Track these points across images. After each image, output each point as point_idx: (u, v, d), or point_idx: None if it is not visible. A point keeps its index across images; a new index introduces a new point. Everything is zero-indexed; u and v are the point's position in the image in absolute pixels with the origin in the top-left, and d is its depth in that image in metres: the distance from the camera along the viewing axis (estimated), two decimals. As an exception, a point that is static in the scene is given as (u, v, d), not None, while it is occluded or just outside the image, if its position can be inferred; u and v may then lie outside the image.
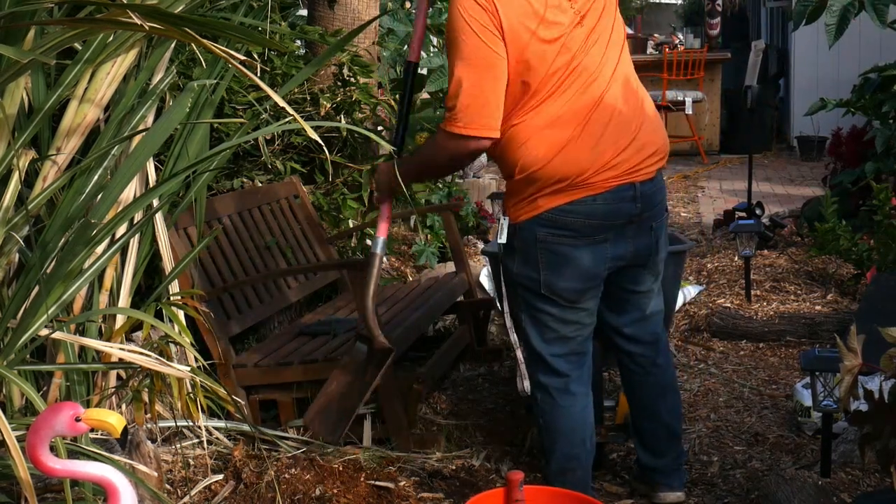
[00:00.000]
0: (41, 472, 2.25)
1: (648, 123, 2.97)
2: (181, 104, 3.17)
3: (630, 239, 3.00)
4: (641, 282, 3.12)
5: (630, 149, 2.92)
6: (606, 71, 2.92)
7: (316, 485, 3.28)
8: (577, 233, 2.92)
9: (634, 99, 2.96)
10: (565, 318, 3.03)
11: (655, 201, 3.01)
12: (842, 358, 2.30)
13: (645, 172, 2.95)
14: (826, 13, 5.45)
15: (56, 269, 2.85)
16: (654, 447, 3.28)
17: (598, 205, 2.90)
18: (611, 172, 2.90)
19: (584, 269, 2.96)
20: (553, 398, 3.09)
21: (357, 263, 3.98)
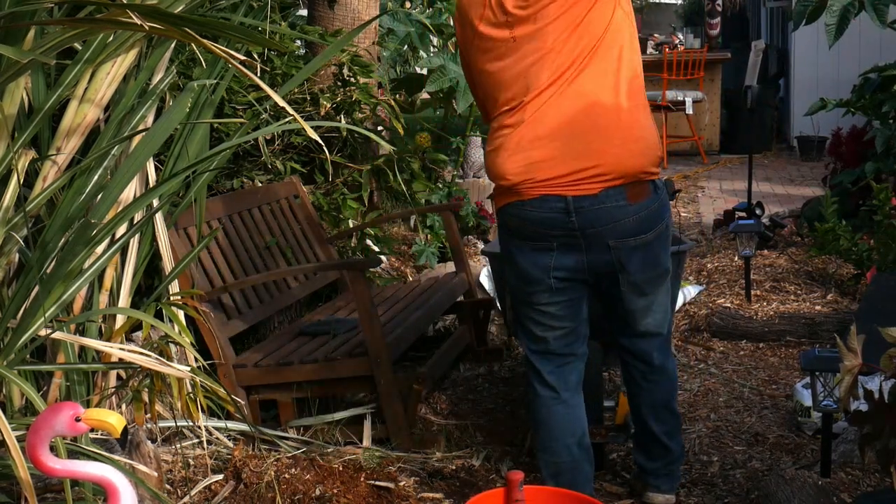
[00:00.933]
0: (41, 472, 2.25)
1: (602, 141, 2.88)
2: (181, 104, 3.17)
3: (581, 252, 2.96)
4: (625, 298, 3.07)
5: (564, 162, 2.88)
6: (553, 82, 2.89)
7: (316, 485, 3.28)
8: (516, 234, 3.02)
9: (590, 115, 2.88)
10: (531, 316, 3.10)
11: (605, 219, 2.91)
12: (842, 358, 2.30)
13: (582, 188, 2.89)
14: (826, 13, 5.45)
15: (56, 269, 2.85)
16: (646, 451, 3.30)
17: (528, 211, 2.95)
18: (538, 182, 2.91)
19: (526, 271, 3.02)
20: (533, 388, 3.15)
21: (357, 263, 3.98)
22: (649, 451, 3.28)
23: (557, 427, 3.13)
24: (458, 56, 6.51)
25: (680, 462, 3.33)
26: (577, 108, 2.89)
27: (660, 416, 3.23)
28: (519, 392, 4.34)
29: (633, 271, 3.00)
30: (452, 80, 6.37)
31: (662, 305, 3.14)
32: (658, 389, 3.22)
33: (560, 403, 3.13)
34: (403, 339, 4.01)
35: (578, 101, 2.89)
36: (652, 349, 3.18)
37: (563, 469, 3.13)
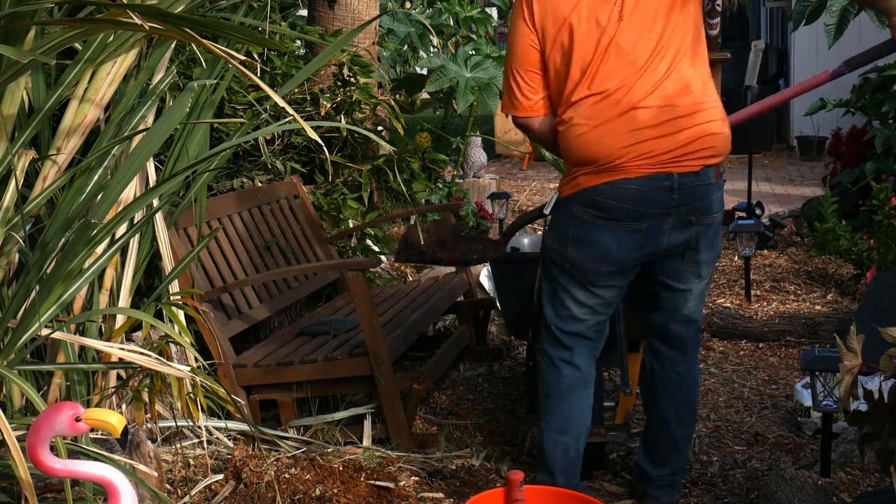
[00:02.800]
0: (41, 472, 2.26)
1: (701, 118, 2.94)
2: (181, 104, 3.17)
3: (666, 232, 2.99)
4: (680, 278, 3.10)
5: (671, 139, 2.92)
6: (660, 68, 2.94)
7: (316, 485, 3.29)
8: (610, 215, 2.96)
9: (689, 99, 2.94)
10: (581, 299, 3.08)
11: (699, 197, 2.97)
12: (842, 358, 2.30)
13: (687, 165, 2.94)
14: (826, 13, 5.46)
15: (56, 269, 2.85)
16: (655, 455, 3.27)
17: (632, 189, 2.93)
18: (646, 160, 2.92)
19: (609, 252, 2.99)
20: (556, 367, 3.13)
21: (357, 263, 3.98)
22: (657, 457, 3.26)
23: (578, 408, 3.14)
24: (458, 56, 6.54)
25: (683, 474, 3.33)
26: (678, 88, 2.93)
27: (681, 417, 3.23)
28: (519, 392, 4.34)
29: (702, 250, 3.05)
30: (452, 80, 6.37)
31: (703, 294, 3.21)
32: (685, 385, 3.23)
33: (583, 385, 3.14)
34: (403, 339, 4.01)
35: (679, 81, 2.94)
36: (689, 338, 3.21)
37: (575, 458, 3.14)
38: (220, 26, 2.55)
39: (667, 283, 3.12)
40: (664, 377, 3.23)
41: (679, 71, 2.95)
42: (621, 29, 2.93)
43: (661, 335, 3.22)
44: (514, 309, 3.87)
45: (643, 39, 2.93)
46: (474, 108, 6.66)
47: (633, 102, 2.92)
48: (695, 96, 2.95)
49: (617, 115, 2.92)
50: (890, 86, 6.42)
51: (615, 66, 2.93)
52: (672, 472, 3.25)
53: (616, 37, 2.93)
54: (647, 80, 2.92)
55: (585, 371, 3.14)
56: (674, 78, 2.94)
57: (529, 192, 9.85)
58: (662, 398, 3.23)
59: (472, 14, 7.33)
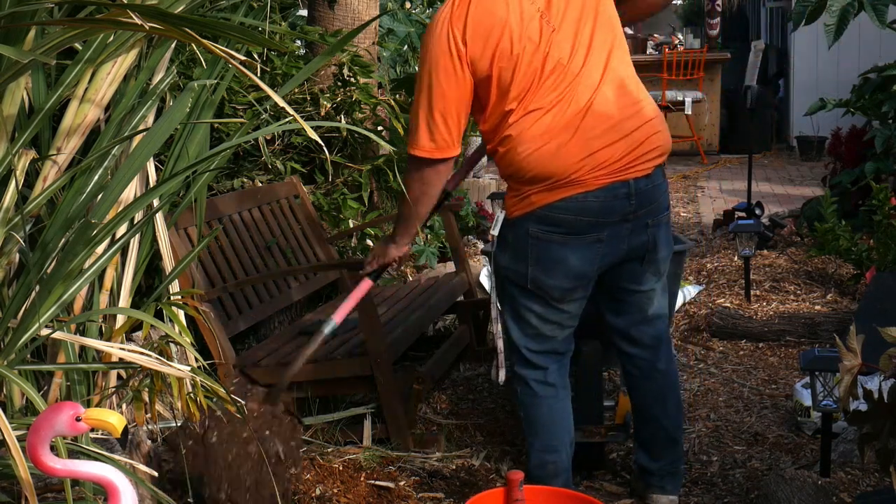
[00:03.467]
0: (42, 472, 2.25)
1: (645, 121, 2.95)
2: (181, 104, 3.17)
3: (625, 237, 2.98)
4: (641, 280, 3.10)
5: (622, 145, 2.91)
6: (595, 72, 2.92)
7: (316, 485, 3.29)
8: (568, 230, 2.94)
9: (628, 98, 2.94)
10: (547, 316, 3.06)
11: (653, 198, 2.99)
12: (841, 358, 2.30)
13: (640, 169, 2.94)
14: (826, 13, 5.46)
15: (56, 269, 2.85)
16: (651, 449, 3.27)
17: (590, 201, 2.92)
18: (603, 170, 2.91)
19: (573, 268, 2.98)
20: (532, 389, 3.13)
21: (357, 263, 3.98)
22: (654, 451, 3.26)
23: (560, 425, 3.14)
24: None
25: (682, 461, 3.33)
26: (616, 89, 2.93)
27: (668, 409, 3.23)
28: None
29: (660, 248, 3.06)
30: (452, 80, 6.36)
31: (667, 288, 3.21)
32: (666, 381, 3.23)
33: (560, 402, 3.14)
34: (403, 339, 4.01)
35: (618, 88, 2.94)
36: (660, 336, 3.20)
37: (562, 469, 3.14)
38: (220, 26, 2.55)
39: (629, 288, 3.11)
40: (644, 377, 3.22)
41: (614, 72, 2.93)
42: (554, 41, 2.89)
43: (630, 338, 3.20)
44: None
45: (575, 46, 2.91)
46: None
47: (577, 113, 2.89)
48: (632, 95, 2.95)
49: (564, 128, 2.89)
50: (890, 86, 6.42)
51: (555, 80, 2.90)
52: (672, 461, 3.25)
53: (551, 50, 2.89)
54: (587, 86, 2.90)
55: (560, 386, 3.14)
56: (609, 79, 2.92)
57: (529, 192, 9.85)
58: (648, 396, 3.23)
59: (472, 14, 7.31)
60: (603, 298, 3.16)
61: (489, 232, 3.15)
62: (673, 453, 3.26)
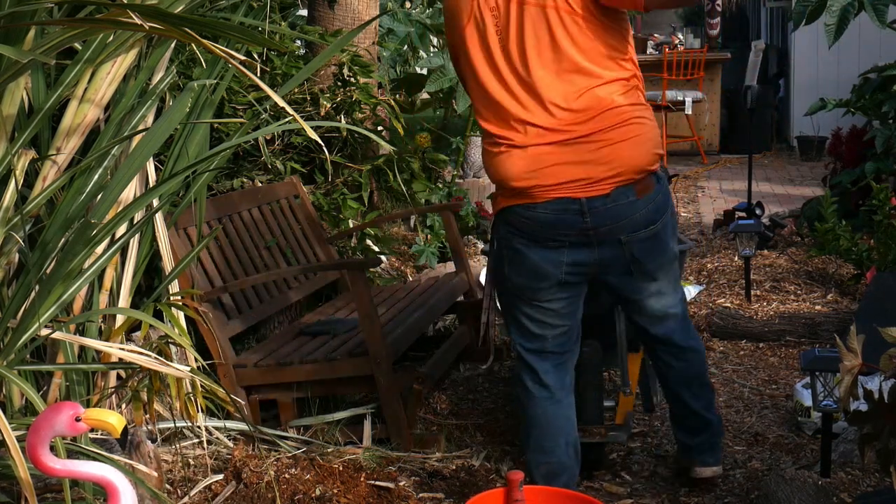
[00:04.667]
0: (41, 472, 2.26)
1: (607, 144, 2.92)
2: (181, 104, 3.17)
3: (593, 248, 3.00)
4: (636, 289, 3.13)
5: (573, 165, 2.91)
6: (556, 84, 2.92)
7: (316, 485, 3.29)
8: (528, 234, 3.00)
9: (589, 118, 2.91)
10: (532, 315, 3.11)
11: (615, 217, 2.95)
12: (842, 358, 2.30)
13: (595, 189, 2.93)
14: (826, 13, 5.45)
15: (56, 269, 2.85)
16: (689, 428, 3.37)
17: (539, 213, 2.96)
18: (550, 186, 2.93)
19: (536, 268, 3.02)
20: (528, 388, 3.17)
21: (357, 263, 3.98)
22: (690, 428, 3.36)
23: (553, 427, 3.16)
24: (458, 56, 6.54)
25: (721, 434, 3.44)
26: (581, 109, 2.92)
27: (695, 392, 3.32)
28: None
29: (645, 261, 3.05)
30: (452, 80, 6.37)
31: (672, 286, 3.20)
32: (689, 367, 3.29)
33: (555, 403, 3.15)
34: (403, 339, 4.01)
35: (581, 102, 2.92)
36: (672, 330, 3.24)
37: (557, 470, 3.15)
38: (220, 26, 2.55)
39: (626, 296, 3.18)
40: (667, 366, 3.31)
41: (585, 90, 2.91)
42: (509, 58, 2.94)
43: (648, 334, 3.27)
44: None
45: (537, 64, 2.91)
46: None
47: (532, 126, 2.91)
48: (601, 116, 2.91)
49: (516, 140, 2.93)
50: (890, 86, 6.42)
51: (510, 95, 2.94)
52: (710, 436, 3.36)
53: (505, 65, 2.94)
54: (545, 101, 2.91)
55: (556, 389, 3.16)
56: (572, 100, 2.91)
57: (529, 192, 9.85)
58: (672, 381, 3.33)
59: (472, 14, 7.31)
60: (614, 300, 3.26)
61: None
62: (709, 428, 3.36)
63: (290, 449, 3.58)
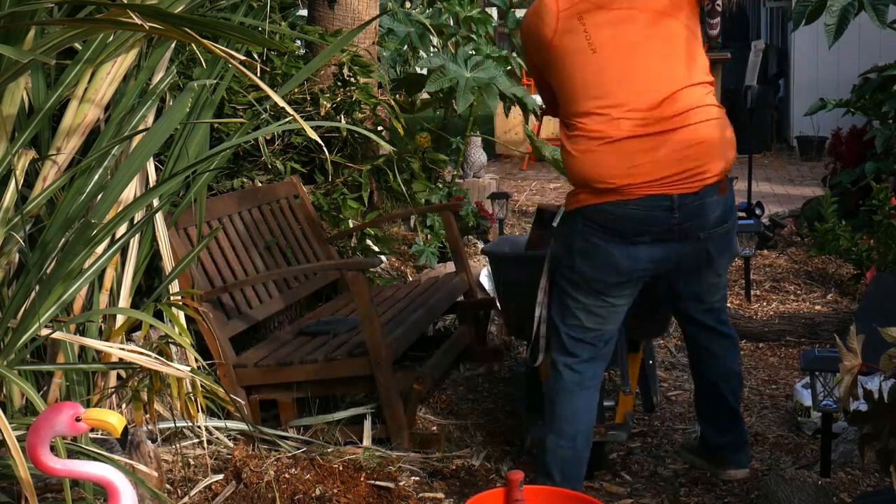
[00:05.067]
0: (41, 472, 2.26)
1: (697, 141, 3.00)
2: (181, 104, 3.17)
3: (673, 244, 3.06)
4: (698, 283, 3.25)
5: (666, 164, 2.97)
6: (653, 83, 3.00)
7: (316, 485, 3.29)
8: (612, 231, 3.04)
9: (682, 112, 3.00)
10: (591, 309, 3.14)
11: (702, 213, 3.04)
12: (841, 358, 2.30)
13: (686, 186, 3.00)
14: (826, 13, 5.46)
15: (56, 269, 2.85)
16: (718, 425, 3.40)
17: (631, 210, 3.00)
18: (644, 182, 2.98)
19: (616, 264, 3.06)
20: (559, 372, 3.19)
21: (357, 263, 3.98)
22: (721, 424, 3.39)
23: (578, 414, 3.19)
24: (458, 56, 6.54)
25: (746, 432, 3.45)
26: (674, 108, 2.99)
27: (732, 385, 3.39)
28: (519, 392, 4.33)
29: (718, 256, 3.17)
30: (452, 80, 6.37)
31: (726, 282, 3.37)
32: (729, 356, 3.39)
33: (584, 390, 3.19)
34: (403, 339, 4.01)
35: (674, 102, 3.00)
36: (719, 321, 3.36)
37: (572, 459, 3.18)
38: (220, 26, 2.55)
39: (685, 290, 3.28)
40: (712, 355, 3.38)
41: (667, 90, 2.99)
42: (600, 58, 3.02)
43: (696, 323, 3.36)
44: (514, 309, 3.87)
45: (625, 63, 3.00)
46: (474, 108, 6.66)
47: (626, 125, 2.97)
48: (689, 114, 2.99)
49: (610, 138, 2.98)
50: (890, 86, 6.42)
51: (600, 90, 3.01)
52: (739, 432, 3.40)
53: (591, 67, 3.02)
54: (636, 103, 2.98)
55: (587, 376, 3.19)
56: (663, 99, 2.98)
57: (529, 192, 9.85)
58: (713, 376, 3.38)
59: (472, 14, 7.33)
60: (669, 290, 3.32)
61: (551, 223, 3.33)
62: (738, 426, 3.40)
63: (290, 449, 3.58)
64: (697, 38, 3.09)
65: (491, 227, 6.73)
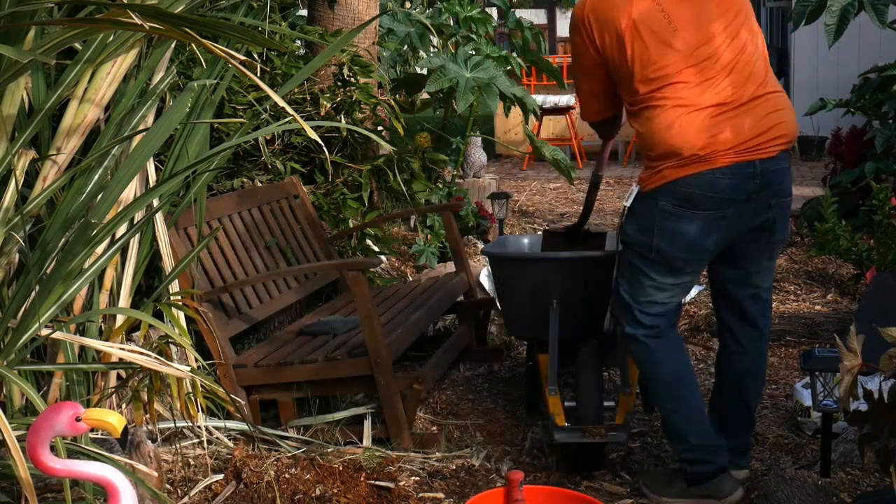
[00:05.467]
0: (41, 472, 2.26)
1: (774, 108, 3.16)
2: (181, 104, 3.17)
3: (749, 215, 3.17)
4: (757, 259, 3.31)
5: (749, 128, 3.10)
6: (726, 55, 3.13)
7: (316, 485, 3.29)
8: (696, 204, 3.12)
9: (758, 84, 3.15)
10: (664, 285, 3.24)
11: (777, 180, 3.16)
12: (841, 358, 2.30)
13: (766, 151, 3.12)
14: (826, 13, 5.46)
15: (56, 269, 2.85)
16: (730, 427, 3.44)
17: (718, 178, 3.09)
18: (728, 149, 3.08)
19: (695, 241, 3.16)
20: (645, 344, 3.29)
21: (357, 263, 3.98)
22: (734, 428, 3.44)
23: (682, 370, 3.32)
24: (458, 56, 6.54)
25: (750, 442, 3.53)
26: (745, 77, 3.14)
27: (756, 388, 3.47)
28: (519, 392, 4.34)
29: (777, 230, 3.26)
30: (452, 80, 6.37)
31: (772, 274, 3.45)
32: (760, 358, 3.46)
33: (677, 347, 3.34)
34: (403, 339, 4.01)
35: (747, 71, 3.15)
36: (762, 314, 3.42)
37: (695, 410, 3.30)
38: (220, 26, 2.55)
39: (744, 265, 3.32)
40: (742, 352, 3.42)
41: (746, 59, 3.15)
42: (680, 34, 3.13)
43: (740, 311, 3.40)
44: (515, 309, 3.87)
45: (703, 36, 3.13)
46: (474, 108, 6.66)
47: (708, 94, 3.09)
48: (763, 82, 3.16)
49: (694, 108, 3.09)
50: (890, 86, 6.42)
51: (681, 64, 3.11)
52: (744, 438, 3.47)
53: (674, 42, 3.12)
54: (718, 71, 3.11)
55: (673, 338, 3.34)
56: (740, 66, 3.13)
57: (529, 192, 9.85)
58: (741, 374, 3.43)
59: (472, 14, 7.32)
60: (721, 269, 3.36)
61: (622, 203, 3.38)
62: (747, 431, 3.48)
63: (290, 449, 3.58)
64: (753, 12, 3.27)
65: (491, 227, 6.73)
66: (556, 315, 3.64)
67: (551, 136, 11.52)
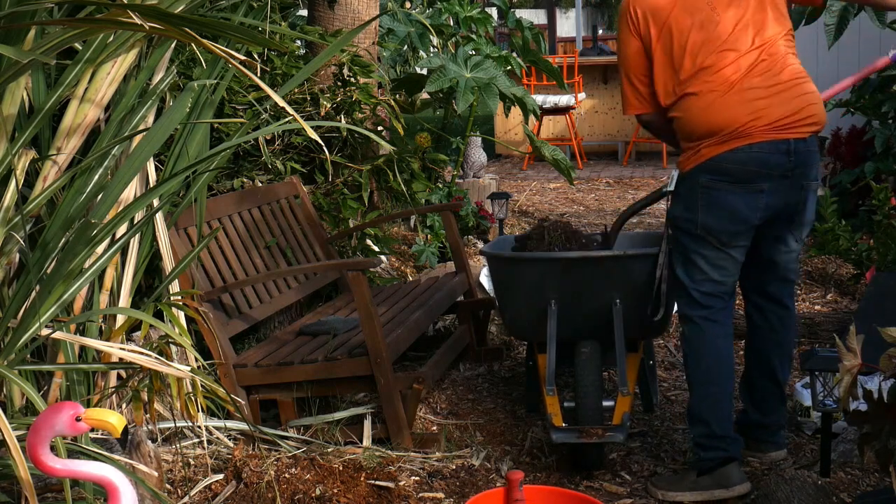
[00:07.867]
0: (41, 472, 2.26)
1: (804, 92, 3.31)
2: (181, 104, 3.18)
3: (783, 192, 3.31)
4: (786, 240, 3.45)
5: (782, 108, 3.26)
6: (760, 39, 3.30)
7: (316, 485, 3.29)
8: (734, 178, 3.28)
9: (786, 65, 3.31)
10: (716, 262, 3.37)
11: (808, 161, 3.32)
12: (841, 358, 2.30)
13: (799, 132, 3.28)
14: (826, 13, 5.46)
15: (56, 269, 2.85)
16: (763, 405, 3.58)
17: (755, 153, 3.26)
18: (766, 127, 3.25)
19: (738, 213, 3.30)
20: (698, 325, 3.40)
21: (357, 263, 3.98)
22: (767, 405, 3.58)
23: (724, 358, 3.40)
24: (458, 56, 6.54)
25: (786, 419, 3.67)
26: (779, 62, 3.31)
27: (785, 362, 3.59)
28: (519, 392, 4.34)
29: (807, 212, 3.42)
30: (452, 80, 6.37)
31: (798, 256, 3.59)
32: (789, 334, 3.61)
33: (724, 337, 3.42)
34: (403, 339, 4.01)
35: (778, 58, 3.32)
36: (787, 293, 3.57)
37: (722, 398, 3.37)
38: (220, 26, 2.55)
39: (774, 246, 3.46)
40: (772, 329, 3.57)
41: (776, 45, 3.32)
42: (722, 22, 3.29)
43: (766, 293, 3.55)
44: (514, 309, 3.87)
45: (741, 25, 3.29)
46: (474, 108, 6.66)
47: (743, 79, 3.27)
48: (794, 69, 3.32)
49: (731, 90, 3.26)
50: (890, 86, 6.42)
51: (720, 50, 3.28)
52: (781, 415, 3.61)
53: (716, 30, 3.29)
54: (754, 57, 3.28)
55: (726, 324, 3.42)
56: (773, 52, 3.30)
57: (529, 192, 9.85)
58: (771, 349, 3.57)
59: (472, 14, 7.33)
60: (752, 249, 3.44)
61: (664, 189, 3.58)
62: (782, 408, 3.61)
63: (290, 449, 3.58)
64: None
65: (491, 227, 6.73)
66: (554, 315, 3.64)
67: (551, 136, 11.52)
